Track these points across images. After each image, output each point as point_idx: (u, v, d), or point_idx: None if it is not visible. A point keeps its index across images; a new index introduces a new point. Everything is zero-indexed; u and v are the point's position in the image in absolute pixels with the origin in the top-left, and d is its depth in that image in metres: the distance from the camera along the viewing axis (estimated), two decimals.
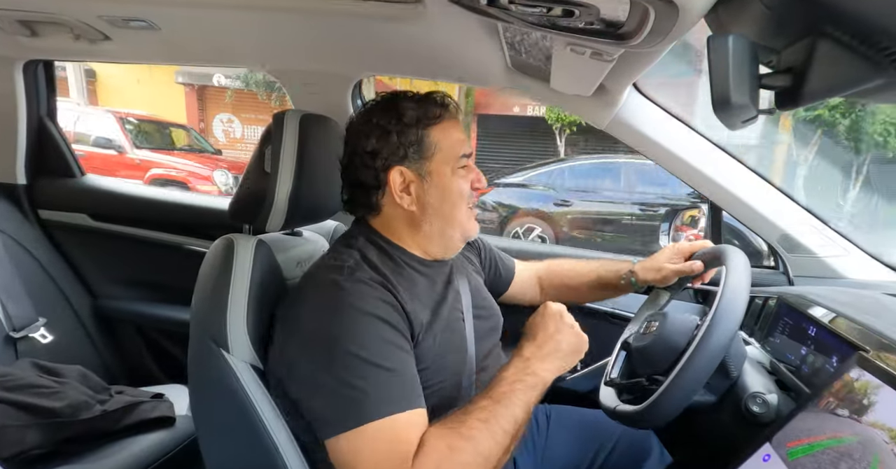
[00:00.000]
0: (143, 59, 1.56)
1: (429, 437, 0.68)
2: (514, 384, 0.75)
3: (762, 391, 0.80)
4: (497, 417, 0.71)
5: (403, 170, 0.84)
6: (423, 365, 0.79)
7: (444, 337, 0.84)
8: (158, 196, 1.79)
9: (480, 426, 0.69)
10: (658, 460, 1.04)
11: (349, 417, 0.69)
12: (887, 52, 0.41)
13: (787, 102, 0.52)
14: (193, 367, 0.89)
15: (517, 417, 0.72)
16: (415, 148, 0.84)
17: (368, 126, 0.85)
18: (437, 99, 0.87)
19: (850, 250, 1.21)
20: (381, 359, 0.71)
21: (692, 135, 1.22)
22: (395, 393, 0.70)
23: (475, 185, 0.89)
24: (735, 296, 0.78)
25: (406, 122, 0.83)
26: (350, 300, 0.74)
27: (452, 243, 0.91)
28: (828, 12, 0.43)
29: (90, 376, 1.28)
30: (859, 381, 0.61)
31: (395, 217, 0.88)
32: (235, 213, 0.99)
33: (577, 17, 0.64)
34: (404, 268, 0.87)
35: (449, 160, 0.85)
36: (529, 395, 0.74)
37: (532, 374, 0.76)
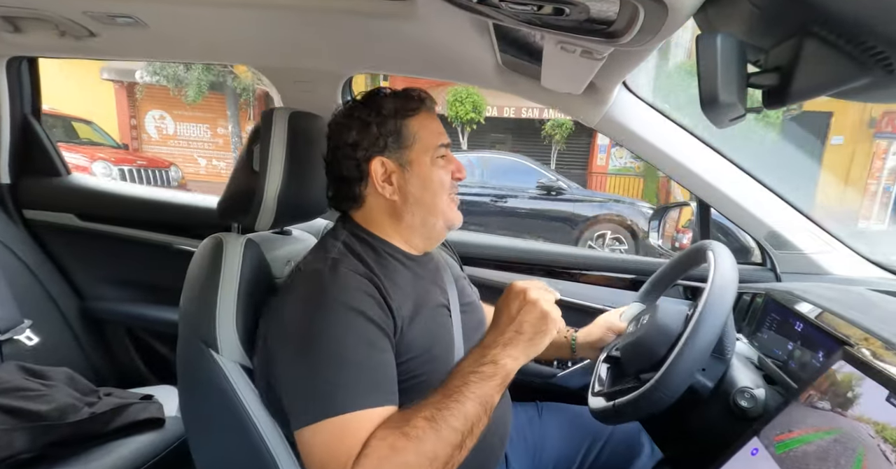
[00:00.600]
0: (130, 55, 1.55)
1: (373, 437, 0.67)
2: (467, 376, 0.70)
3: (750, 386, 0.81)
4: (445, 414, 0.67)
5: (384, 160, 0.86)
6: (410, 355, 0.80)
7: (429, 329, 0.84)
8: (146, 195, 1.77)
9: (425, 424, 0.66)
10: (649, 456, 1.05)
11: (309, 411, 0.69)
12: (872, 52, 0.42)
13: (775, 101, 0.53)
14: (183, 367, 0.89)
15: (469, 413, 0.67)
16: (394, 137, 0.86)
17: (349, 120, 0.88)
18: (415, 93, 0.90)
19: (836, 247, 1.23)
20: (351, 354, 0.71)
21: (681, 133, 1.23)
22: (357, 390, 0.70)
23: (455, 176, 0.91)
24: (725, 277, 0.79)
25: (384, 113, 0.86)
26: (331, 293, 0.75)
27: (435, 232, 0.92)
28: (815, 12, 0.43)
29: (78, 378, 1.26)
30: (845, 375, 0.62)
31: (378, 208, 0.89)
32: (224, 211, 0.98)
33: (567, 15, 0.64)
34: (388, 260, 0.87)
35: (428, 150, 0.88)
36: (485, 387, 0.69)
37: (490, 363, 0.71)
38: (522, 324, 0.73)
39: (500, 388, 0.71)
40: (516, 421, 1.07)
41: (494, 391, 0.70)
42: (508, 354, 0.72)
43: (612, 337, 1.06)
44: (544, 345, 0.74)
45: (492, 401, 0.70)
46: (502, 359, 0.71)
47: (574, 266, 1.48)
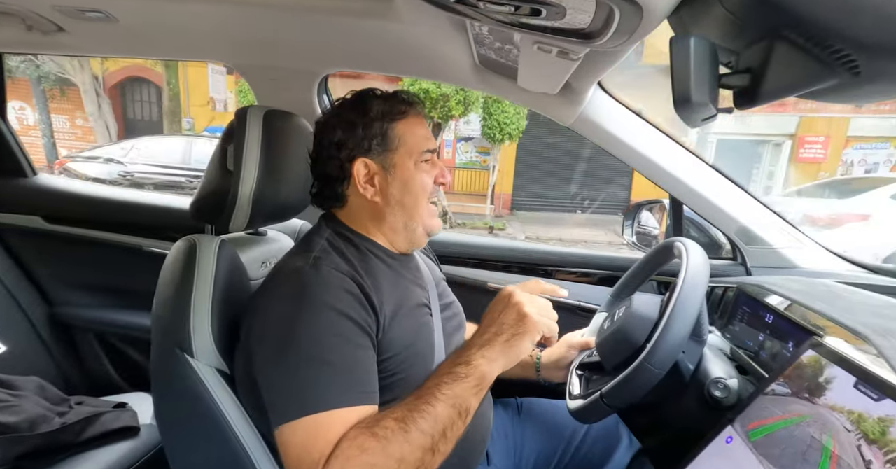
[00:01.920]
0: (101, 51, 1.50)
1: (344, 437, 0.66)
2: (441, 377, 0.69)
3: (723, 377, 0.84)
4: (414, 416, 0.66)
5: (367, 161, 0.86)
6: (391, 353, 0.80)
7: (411, 327, 0.85)
8: (117, 196, 1.71)
9: (394, 425, 0.65)
10: (627, 447, 1.07)
11: (286, 410, 0.69)
12: (839, 55, 0.43)
13: (745, 101, 0.54)
14: (157, 373, 0.87)
15: (440, 415, 0.66)
16: (378, 140, 0.86)
17: (336, 119, 0.88)
18: (404, 96, 0.90)
19: (804, 242, 1.28)
20: (329, 353, 0.71)
21: (654, 132, 1.25)
22: (334, 389, 0.70)
23: (439, 181, 0.91)
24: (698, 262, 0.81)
25: (372, 116, 0.86)
26: (312, 291, 0.75)
27: (416, 237, 0.92)
28: (785, 16, 0.45)
29: (48, 388, 1.22)
30: (813, 364, 0.65)
31: (360, 208, 0.89)
32: (197, 212, 0.96)
33: (544, 16, 0.65)
34: (371, 257, 0.87)
35: (412, 154, 0.87)
36: (458, 388, 0.67)
37: (464, 363, 0.69)
38: (502, 325, 0.72)
39: (475, 391, 0.68)
40: (497, 418, 1.08)
41: (469, 394, 0.68)
42: (483, 355, 0.70)
43: (574, 354, 1.08)
44: (523, 348, 0.71)
45: (466, 404, 0.68)
46: (476, 359, 0.69)
47: (549, 263, 1.50)
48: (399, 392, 0.80)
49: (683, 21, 0.57)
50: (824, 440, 0.56)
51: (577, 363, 1.03)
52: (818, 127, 10.62)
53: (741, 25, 0.51)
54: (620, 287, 1.14)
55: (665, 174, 1.25)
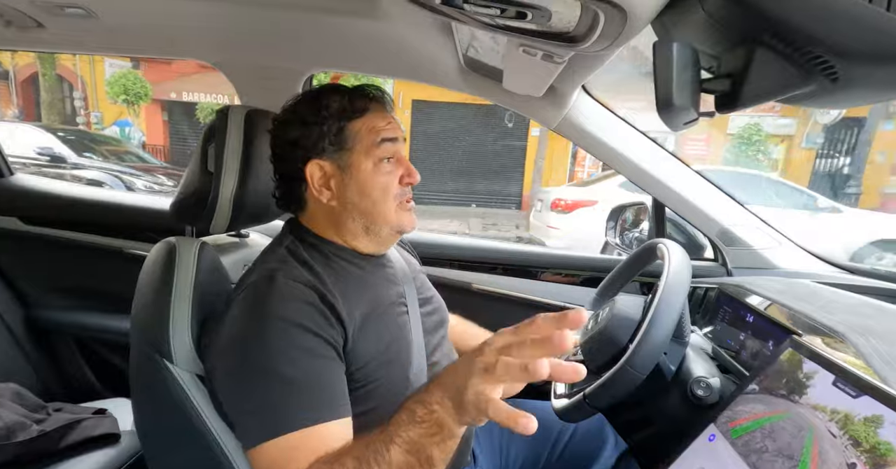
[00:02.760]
0: (80, 48, 1.46)
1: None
2: (402, 413, 0.60)
3: (705, 376, 0.85)
4: (370, 458, 0.60)
5: (322, 163, 0.81)
6: (363, 362, 0.77)
7: (384, 330, 0.82)
8: (96, 197, 1.68)
9: (351, 465, 0.60)
10: (613, 447, 1.08)
11: (252, 432, 0.67)
12: (818, 61, 0.44)
13: (726, 106, 0.56)
14: (136, 379, 0.85)
15: (393, 461, 0.58)
16: (332, 139, 0.81)
17: (292, 116, 0.83)
18: (366, 91, 0.84)
19: (783, 243, 1.30)
20: (291, 370, 0.68)
21: (637, 136, 1.27)
22: (301, 407, 0.67)
23: (405, 181, 0.85)
24: (680, 263, 0.83)
25: (327, 114, 0.81)
26: (268, 305, 0.71)
27: (381, 238, 0.87)
28: (765, 23, 0.46)
29: (24, 394, 1.19)
30: (793, 362, 0.66)
31: (319, 212, 0.85)
32: (177, 213, 0.94)
33: (529, 19, 0.65)
34: (336, 262, 0.83)
35: (370, 152, 0.81)
36: (413, 432, 0.58)
37: (422, 403, 0.58)
38: (452, 384, 0.56)
39: (435, 440, 0.57)
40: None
41: (427, 442, 0.57)
42: (440, 402, 0.57)
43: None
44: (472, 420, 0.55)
45: (425, 452, 0.57)
46: (433, 403, 0.57)
47: (534, 264, 1.51)
48: (377, 401, 0.78)
49: (666, 26, 0.58)
50: (805, 437, 0.57)
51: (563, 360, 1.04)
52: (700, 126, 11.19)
53: (722, 31, 0.51)
54: (605, 286, 1.15)
55: (648, 177, 1.26)
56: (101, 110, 12.13)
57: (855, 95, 0.49)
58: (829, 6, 0.40)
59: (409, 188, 0.87)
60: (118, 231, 1.59)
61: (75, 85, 12.18)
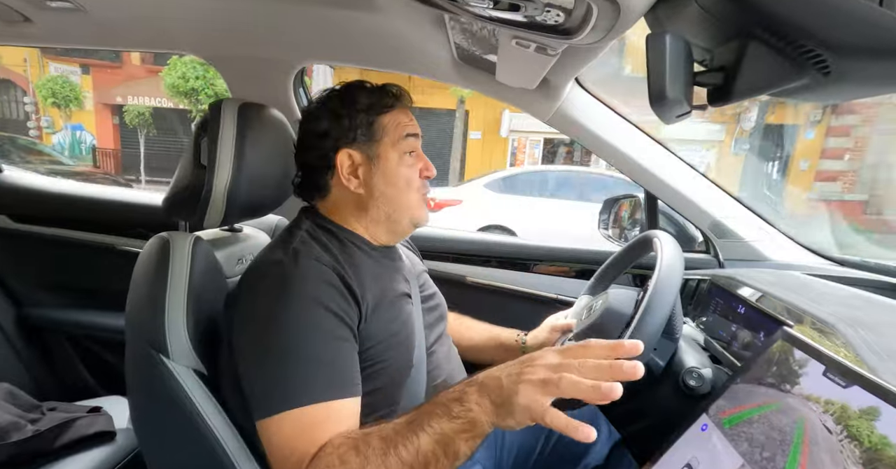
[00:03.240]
0: (69, 42, 1.44)
1: (329, 443, 0.66)
2: (436, 406, 0.63)
3: (697, 366, 0.86)
4: (398, 441, 0.62)
5: (351, 152, 0.86)
6: (373, 342, 0.80)
7: (392, 316, 0.85)
8: (87, 193, 1.66)
9: (378, 445, 0.63)
10: (607, 437, 1.09)
11: (269, 403, 0.69)
12: (810, 55, 0.45)
13: (719, 99, 0.56)
14: (132, 376, 0.84)
15: (423, 448, 0.61)
16: (363, 130, 0.86)
17: (321, 110, 0.88)
18: (392, 90, 0.90)
19: (774, 235, 1.32)
20: (310, 347, 0.71)
21: (630, 128, 1.27)
22: (317, 383, 0.70)
23: (424, 174, 0.91)
24: (672, 260, 0.83)
25: (358, 108, 0.86)
26: (291, 283, 0.74)
27: (400, 228, 0.92)
28: (757, 15, 0.46)
29: (18, 394, 1.18)
30: (784, 353, 0.67)
31: (344, 199, 0.89)
32: (170, 209, 0.93)
33: (522, 11, 0.65)
34: (352, 249, 0.87)
35: (396, 145, 0.88)
36: (447, 426, 0.61)
37: (457, 400, 0.62)
38: (499, 389, 0.60)
39: (465, 437, 0.60)
40: None
41: (456, 436, 0.61)
42: (479, 403, 0.61)
43: (558, 336, 1.09)
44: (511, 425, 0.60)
45: (454, 447, 0.60)
46: (470, 402, 0.61)
47: (528, 257, 1.51)
48: (382, 381, 0.81)
49: (659, 19, 0.58)
50: (795, 426, 0.58)
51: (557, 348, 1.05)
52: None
53: (715, 24, 0.52)
54: (599, 277, 1.15)
55: (640, 169, 1.27)
56: (51, 115, 12.19)
57: (847, 89, 0.50)
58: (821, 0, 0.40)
59: (427, 183, 0.93)
60: (110, 227, 1.58)
61: (26, 90, 12.19)
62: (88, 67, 11.78)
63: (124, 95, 12.16)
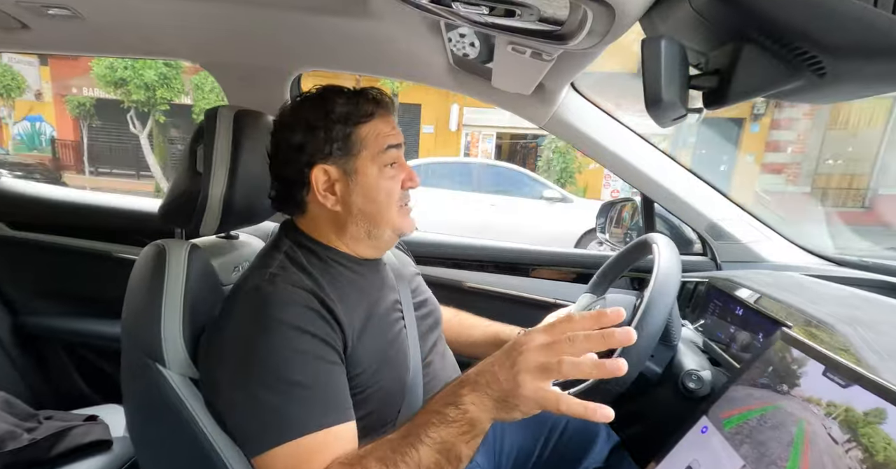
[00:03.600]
0: (66, 49, 1.44)
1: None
2: (430, 415, 0.61)
3: (697, 368, 0.86)
4: (396, 459, 0.60)
5: (327, 168, 0.81)
6: (360, 368, 0.77)
7: (382, 335, 0.82)
8: (83, 200, 1.65)
9: (376, 467, 0.61)
10: (605, 440, 1.09)
11: (261, 439, 0.67)
12: (805, 57, 0.45)
13: (715, 102, 0.56)
14: (128, 384, 0.84)
15: (423, 460, 0.59)
16: (340, 144, 0.80)
17: (295, 119, 0.82)
18: (371, 95, 0.84)
19: (771, 237, 1.32)
20: (298, 375, 0.68)
21: (626, 132, 1.28)
22: (309, 412, 0.67)
23: (407, 185, 0.86)
24: (669, 267, 0.83)
25: (334, 118, 0.80)
26: (270, 309, 0.71)
27: (382, 242, 0.88)
28: (751, 18, 0.46)
29: (14, 402, 1.17)
30: (783, 354, 0.67)
31: (321, 217, 0.85)
32: (166, 216, 0.93)
33: (518, 17, 0.65)
34: (334, 267, 0.83)
35: (375, 158, 0.82)
36: (445, 432, 0.59)
37: (454, 405, 0.60)
38: (495, 381, 0.59)
39: (466, 438, 0.59)
40: None
41: (458, 440, 0.59)
42: (473, 402, 0.59)
43: None
44: (515, 416, 0.59)
45: (456, 451, 0.59)
46: (466, 403, 0.59)
47: (525, 262, 1.51)
48: (374, 405, 0.79)
49: (654, 23, 0.59)
50: (796, 427, 0.58)
51: None
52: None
53: (710, 27, 0.52)
54: (604, 271, 1.14)
55: (637, 173, 1.27)
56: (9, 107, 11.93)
57: (843, 90, 0.50)
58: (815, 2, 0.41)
59: (409, 192, 0.88)
60: (106, 234, 1.57)
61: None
62: (46, 58, 11.44)
63: (80, 87, 11.92)
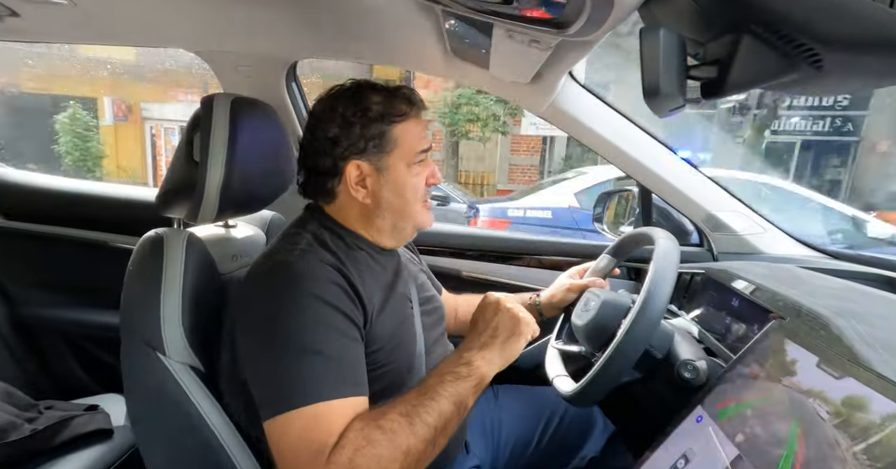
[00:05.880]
0: (58, 38, 1.42)
1: (349, 429, 0.67)
2: (443, 376, 0.73)
3: (692, 359, 0.86)
4: (419, 410, 0.69)
5: (360, 163, 0.84)
6: (378, 345, 0.81)
7: (396, 318, 0.85)
8: (78, 189, 1.65)
9: (400, 419, 0.68)
10: (602, 430, 1.10)
11: (280, 401, 0.69)
12: (803, 49, 0.45)
13: (712, 92, 0.56)
14: (128, 373, 0.85)
15: (443, 410, 0.70)
16: (375, 142, 0.84)
17: (333, 114, 0.84)
18: (406, 94, 0.87)
19: (768, 228, 1.32)
20: (321, 345, 0.71)
21: (623, 122, 1.27)
22: (328, 380, 0.70)
23: (430, 181, 0.90)
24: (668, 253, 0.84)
25: (371, 116, 0.83)
26: (300, 282, 0.74)
27: (404, 235, 0.92)
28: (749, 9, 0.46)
29: (14, 393, 1.18)
30: (778, 344, 0.67)
31: (350, 207, 0.88)
32: (163, 205, 0.93)
33: (516, 4, 0.64)
34: (357, 251, 0.87)
35: (406, 156, 0.85)
36: (460, 386, 0.72)
37: (465, 364, 0.74)
38: (497, 328, 0.78)
39: (475, 390, 0.74)
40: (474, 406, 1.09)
41: (469, 393, 0.73)
42: (483, 357, 0.76)
43: (573, 296, 1.10)
44: (519, 348, 0.79)
45: (466, 402, 0.73)
46: (476, 361, 0.75)
47: (524, 251, 1.51)
48: (385, 383, 0.82)
49: (653, 13, 0.58)
50: (791, 417, 0.58)
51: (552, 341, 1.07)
52: None
53: (708, 18, 0.52)
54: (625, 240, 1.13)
55: (634, 163, 1.27)
56: None
57: (839, 83, 0.50)
58: None
59: (431, 189, 0.92)
60: (103, 224, 1.57)
61: None
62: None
63: None
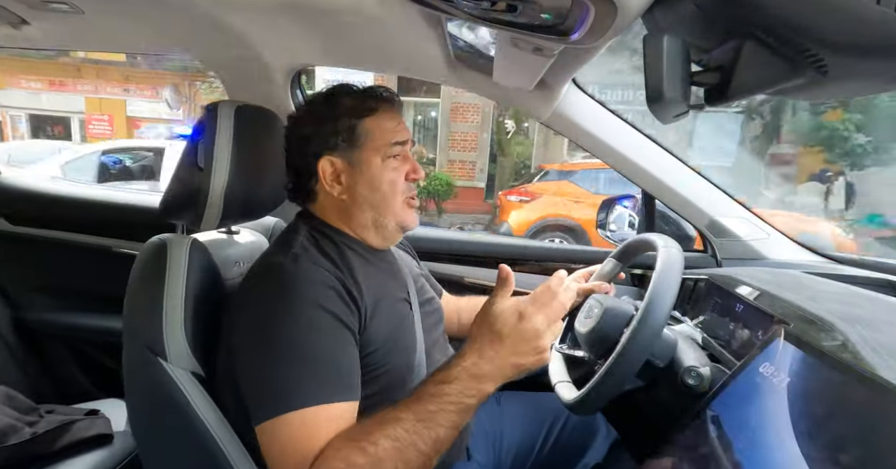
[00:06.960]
0: (66, 45, 1.45)
1: (329, 446, 0.66)
2: (446, 405, 0.66)
3: (696, 365, 0.86)
4: (413, 438, 0.64)
5: (333, 159, 0.85)
6: (374, 347, 0.80)
7: (391, 320, 0.85)
8: (84, 195, 1.66)
9: (388, 445, 0.64)
10: (605, 437, 1.10)
11: (269, 406, 0.69)
12: (807, 54, 0.45)
13: (716, 98, 0.56)
14: (130, 378, 0.84)
15: (439, 437, 0.65)
16: (345, 136, 0.85)
17: (306, 113, 0.88)
18: (376, 92, 0.89)
19: (772, 234, 1.32)
20: (312, 349, 0.71)
21: (626, 128, 1.27)
22: (318, 385, 0.70)
23: (411, 177, 0.90)
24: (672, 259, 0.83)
25: (340, 112, 0.85)
26: (293, 286, 0.75)
27: (388, 233, 0.91)
28: (754, 15, 0.46)
29: (15, 397, 1.18)
30: (782, 351, 0.67)
31: (330, 205, 0.89)
32: (167, 211, 0.93)
33: (519, 12, 0.65)
34: (348, 251, 0.86)
35: (379, 149, 0.86)
36: (462, 416, 0.67)
37: (473, 395, 0.67)
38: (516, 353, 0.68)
39: (475, 408, 0.69)
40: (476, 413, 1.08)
41: (469, 415, 0.68)
42: (487, 376, 0.68)
43: (578, 300, 1.08)
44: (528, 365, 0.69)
45: (464, 423, 0.69)
46: (485, 384, 0.68)
47: (526, 257, 1.51)
48: (384, 384, 0.81)
49: (656, 19, 0.58)
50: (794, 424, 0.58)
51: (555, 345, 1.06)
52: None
53: (712, 24, 0.52)
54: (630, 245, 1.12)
55: (638, 169, 1.27)
56: None
57: (844, 88, 0.50)
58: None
59: (414, 185, 0.91)
60: (106, 229, 1.58)
61: None
62: None
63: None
